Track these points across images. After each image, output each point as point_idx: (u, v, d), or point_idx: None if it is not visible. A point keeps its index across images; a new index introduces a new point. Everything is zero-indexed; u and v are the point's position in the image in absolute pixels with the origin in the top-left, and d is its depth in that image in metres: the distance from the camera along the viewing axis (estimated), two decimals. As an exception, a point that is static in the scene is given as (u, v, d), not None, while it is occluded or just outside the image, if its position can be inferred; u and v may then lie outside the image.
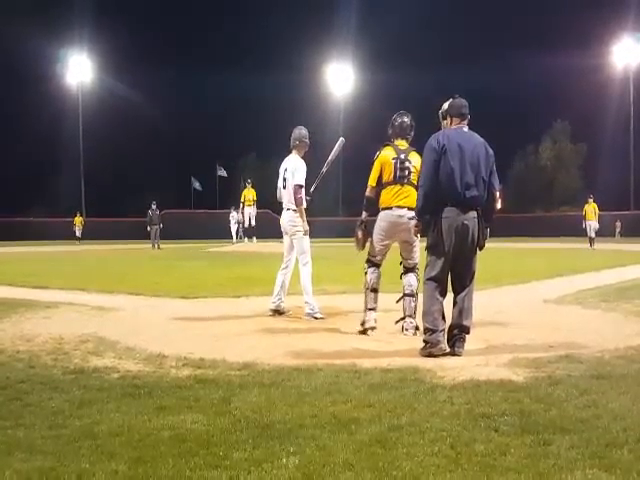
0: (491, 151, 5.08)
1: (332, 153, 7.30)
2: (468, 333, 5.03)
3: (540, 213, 57.94)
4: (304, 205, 6.98)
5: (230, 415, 3.37)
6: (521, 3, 70.89)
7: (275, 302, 7.13)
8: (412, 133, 6.19)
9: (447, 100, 5.27)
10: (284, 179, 7.10)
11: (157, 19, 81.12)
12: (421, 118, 6.31)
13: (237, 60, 76.12)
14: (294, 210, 7.01)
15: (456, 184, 4.89)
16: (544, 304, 7.99)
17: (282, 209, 7.17)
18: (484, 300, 8.10)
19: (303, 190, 6.96)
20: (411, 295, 5.96)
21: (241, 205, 24.89)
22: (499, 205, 5.20)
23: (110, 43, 56.39)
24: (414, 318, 5.87)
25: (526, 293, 9.31)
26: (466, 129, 5.14)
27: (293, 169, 7.01)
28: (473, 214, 4.95)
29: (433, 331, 4.94)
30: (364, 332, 5.89)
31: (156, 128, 67.78)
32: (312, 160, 7.45)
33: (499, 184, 5.21)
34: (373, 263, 6.09)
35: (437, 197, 4.95)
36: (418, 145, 5.19)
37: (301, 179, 6.95)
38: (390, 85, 58.50)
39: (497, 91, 60.55)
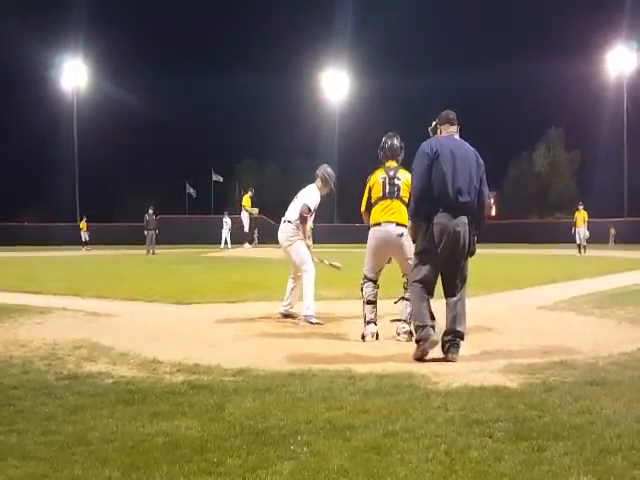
0: (481, 160, 5.16)
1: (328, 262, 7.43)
2: (462, 339, 5.03)
3: (534, 220, 58.12)
4: (309, 225, 7.08)
5: (224, 421, 3.36)
6: (516, 10, 71.31)
7: (285, 306, 7.27)
8: (402, 154, 6.26)
9: (441, 112, 5.37)
10: (296, 197, 7.24)
11: (153, 23, 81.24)
12: (416, 122, 6.35)
13: (234, 64, 76.16)
14: (289, 221, 7.11)
15: (448, 189, 4.93)
16: (538, 310, 8.01)
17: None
18: (478, 306, 8.11)
19: (310, 215, 7.05)
20: (409, 299, 5.95)
21: (243, 210, 24.75)
22: (493, 212, 5.27)
23: (105, 47, 56.43)
24: (408, 324, 5.87)
25: (520, 299, 9.33)
26: (457, 136, 5.22)
27: (307, 193, 7.14)
28: (464, 220, 4.99)
29: (423, 327, 4.97)
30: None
31: (151, 132, 67.79)
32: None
33: (490, 192, 5.27)
34: (369, 279, 6.11)
35: (429, 202, 4.99)
36: (411, 152, 5.25)
37: (311, 202, 7.05)
38: (387, 89, 58.79)
39: (491, 98, 60.85)
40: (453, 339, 4.97)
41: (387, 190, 5.95)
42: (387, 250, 6.01)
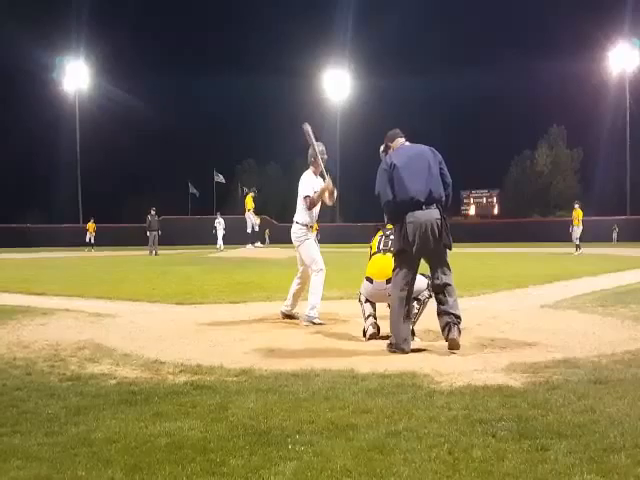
0: (438, 153, 5.43)
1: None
2: (460, 319, 5.21)
3: (536, 218, 58.05)
4: (315, 212, 7.14)
5: (227, 421, 3.35)
6: (516, 10, 71.20)
7: (287, 306, 7.26)
8: None
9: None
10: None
11: (153, 24, 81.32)
12: (417, 122, 6.42)
13: (235, 65, 76.35)
14: (297, 222, 7.15)
15: (413, 191, 5.18)
16: (541, 309, 7.99)
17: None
18: (481, 305, 8.12)
19: (308, 199, 7.09)
20: (416, 299, 5.94)
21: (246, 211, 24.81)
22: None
23: (107, 48, 56.63)
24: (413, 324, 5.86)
25: (523, 298, 9.31)
26: (408, 143, 5.56)
27: (301, 185, 7.21)
28: (436, 214, 5.22)
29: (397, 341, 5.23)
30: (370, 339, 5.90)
31: (154, 134, 67.84)
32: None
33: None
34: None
35: (399, 208, 5.24)
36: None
37: (308, 191, 7.11)
38: (388, 89, 58.78)
39: (492, 98, 60.80)
40: (451, 319, 5.14)
41: (381, 246, 6.22)
42: (378, 300, 6.22)
